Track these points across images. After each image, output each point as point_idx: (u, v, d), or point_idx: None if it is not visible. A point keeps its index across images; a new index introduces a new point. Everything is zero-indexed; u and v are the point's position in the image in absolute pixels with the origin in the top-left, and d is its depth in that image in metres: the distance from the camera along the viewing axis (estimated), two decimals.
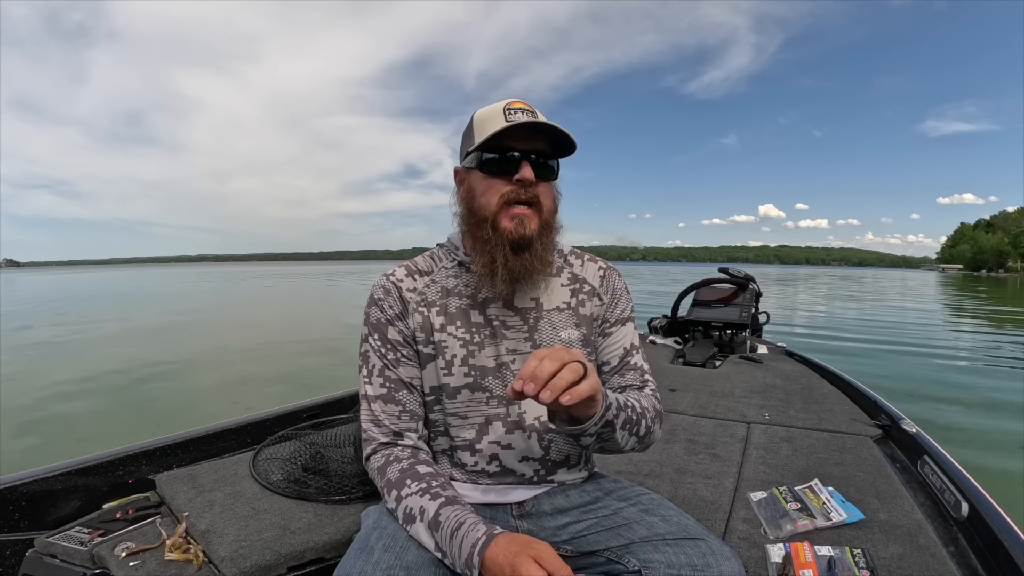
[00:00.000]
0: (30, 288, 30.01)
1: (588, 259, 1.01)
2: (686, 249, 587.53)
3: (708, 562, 0.74)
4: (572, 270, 0.99)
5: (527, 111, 0.85)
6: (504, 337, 0.90)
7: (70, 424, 4.13)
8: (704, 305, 3.56)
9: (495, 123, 0.84)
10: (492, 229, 0.85)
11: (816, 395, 2.18)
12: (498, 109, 0.85)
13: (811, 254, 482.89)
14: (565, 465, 0.93)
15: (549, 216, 0.88)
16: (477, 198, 0.87)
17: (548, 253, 0.88)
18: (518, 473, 0.90)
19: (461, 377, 0.88)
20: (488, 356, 0.89)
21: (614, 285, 0.99)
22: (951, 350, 7.64)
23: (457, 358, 0.88)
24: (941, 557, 1.00)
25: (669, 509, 0.87)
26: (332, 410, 1.80)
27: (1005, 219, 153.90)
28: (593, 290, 0.97)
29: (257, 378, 5.72)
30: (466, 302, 0.91)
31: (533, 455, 0.89)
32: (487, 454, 0.89)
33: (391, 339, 0.89)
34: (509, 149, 0.84)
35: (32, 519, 1.15)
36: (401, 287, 0.91)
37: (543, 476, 0.92)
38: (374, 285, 0.93)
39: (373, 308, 0.91)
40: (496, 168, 0.85)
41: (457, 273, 0.93)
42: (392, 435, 0.87)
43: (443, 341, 0.88)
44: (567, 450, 0.92)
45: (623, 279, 1.02)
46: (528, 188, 0.84)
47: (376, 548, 0.73)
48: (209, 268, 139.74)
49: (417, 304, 0.90)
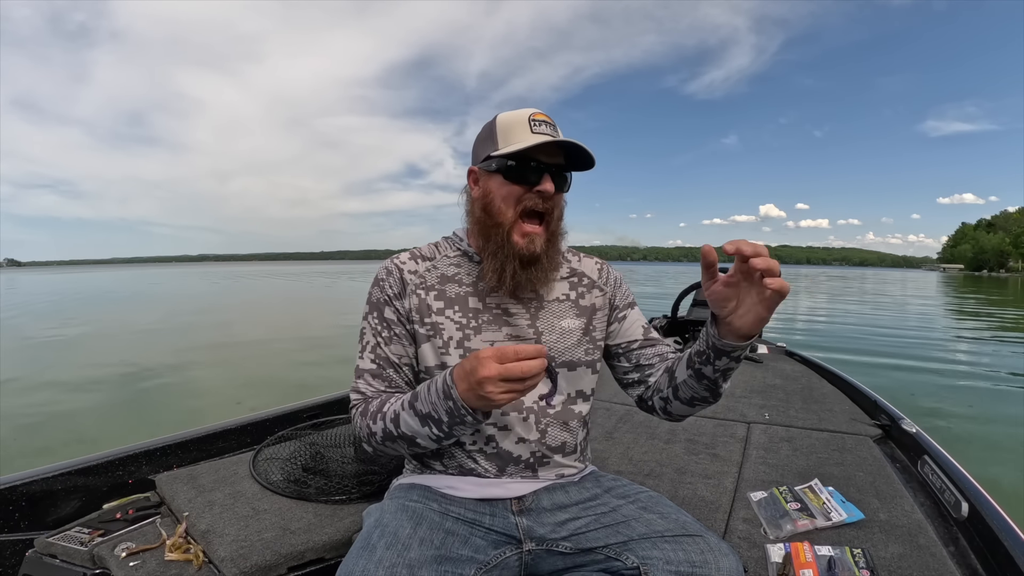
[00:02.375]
0: (30, 288, 30.03)
1: (585, 256, 1.07)
2: (687, 249, 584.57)
3: (706, 559, 0.75)
4: (570, 265, 1.03)
5: (550, 124, 0.90)
6: (505, 323, 0.93)
7: (70, 424, 4.13)
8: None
9: (521, 133, 0.88)
10: (506, 239, 0.89)
11: (816, 395, 2.18)
12: (523, 119, 0.89)
13: (812, 254, 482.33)
14: (561, 452, 0.94)
15: (556, 227, 0.93)
16: (496, 202, 0.90)
17: (553, 262, 0.93)
18: (514, 455, 0.91)
19: (457, 358, 0.90)
20: (483, 341, 0.91)
21: (613, 276, 1.05)
22: (951, 350, 7.63)
23: (453, 340, 0.91)
24: (941, 557, 1.00)
25: (667, 507, 0.88)
26: (332, 410, 1.80)
27: (1006, 219, 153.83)
28: (592, 282, 1.02)
29: (257, 379, 5.73)
30: (465, 289, 0.94)
31: (529, 437, 0.91)
32: (484, 434, 0.90)
33: (387, 318, 0.92)
34: (533, 160, 0.88)
35: (32, 519, 1.15)
36: (403, 269, 0.95)
37: (540, 459, 0.92)
38: (380, 267, 0.97)
39: (375, 288, 0.95)
40: (518, 176, 0.88)
41: (459, 262, 0.97)
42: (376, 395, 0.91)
43: (440, 323, 0.92)
44: (563, 436, 0.94)
45: (620, 275, 1.07)
46: (547, 200, 0.89)
47: (378, 546, 0.73)
48: (210, 268, 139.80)
49: (416, 286, 0.93)
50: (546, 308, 0.96)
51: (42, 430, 4.00)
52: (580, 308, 0.98)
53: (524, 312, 0.94)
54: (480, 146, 0.94)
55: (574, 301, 0.99)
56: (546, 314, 0.95)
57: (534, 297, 0.96)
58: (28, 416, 4.31)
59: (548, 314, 0.95)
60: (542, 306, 0.96)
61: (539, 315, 0.95)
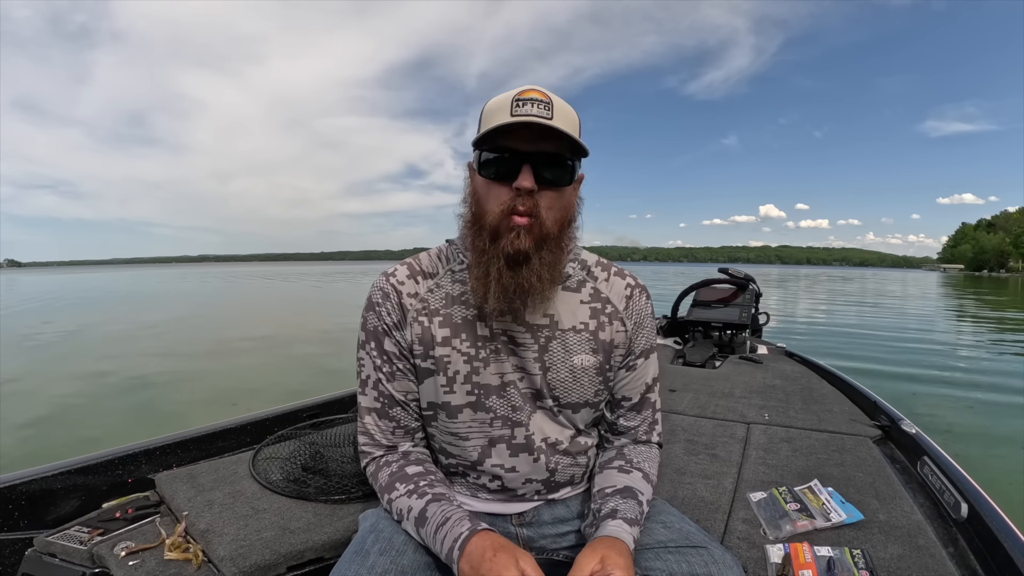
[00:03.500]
0: (29, 289, 30.00)
1: (615, 273, 0.89)
2: (687, 249, 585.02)
3: (710, 571, 0.72)
4: (595, 285, 0.87)
5: (540, 101, 0.72)
6: (512, 353, 0.82)
7: (70, 423, 4.13)
8: (704, 305, 3.56)
9: (500, 117, 0.73)
10: (491, 240, 0.75)
11: (816, 395, 2.18)
12: (506, 100, 0.73)
13: (812, 254, 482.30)
14: (570, 484, 0.91)
15: (554, 228, 0.76)
16: (480, 203, 0.77)
17: (551, 269, 0.77)
18: (519, 493, 0.87)
19: (463, 396, 0.82)
20: (492, 374, 0.82)
21: (641, 309, 0.88)
22: (950, 353, 7.62)
23: (460, 375, 0.81)
24: (940, 558, 1.00)
25: (670, 515, 0.85)
26: (332, 410, 1.80)
27: (1007, 219, 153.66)
28: (616, 312, 0.87)
29: (257, 378, 5.72)
30: (472, 312, 0.82)
31: (538, 477, 0.86)
32: (489, 474, 0.85)
33: (387, 351, 0.83)
34: (510, 149, 0.73)
35: (32, 518, 1.15)
36: (401, 291, 0.83)
37: (544, 495, 0.89)
38: (373, 286, 0.85)
39: (370, 313, 0.84)
40: (495, 171, 0.75)
41: (464, 278, 0.83)
42: (385, 449, 0.86)
43: (445, 356, 0.81)
44: (572, 471, 0.90)
45: (651, 301, 0.92)
46: (526, 197, 0.73)
47: (372, 551, 0.73)
48: (210, 268, 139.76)
49: (417, 313, 0.82)
50: (558, 339, 0.82)
51: (42, 430, 4.00)
52: (599, 342, 0.84)
53: (532, 342, 0.82)
54: None
55: (593, 332, 0.84)
56: (557, 346, 0.82)
57: (546, 324, 0.82)
58: (28, 416, 4.31)
59: (559, 346, 0.82)
60: (554, 336, 0.82)
61: (549, 347, 0.82)
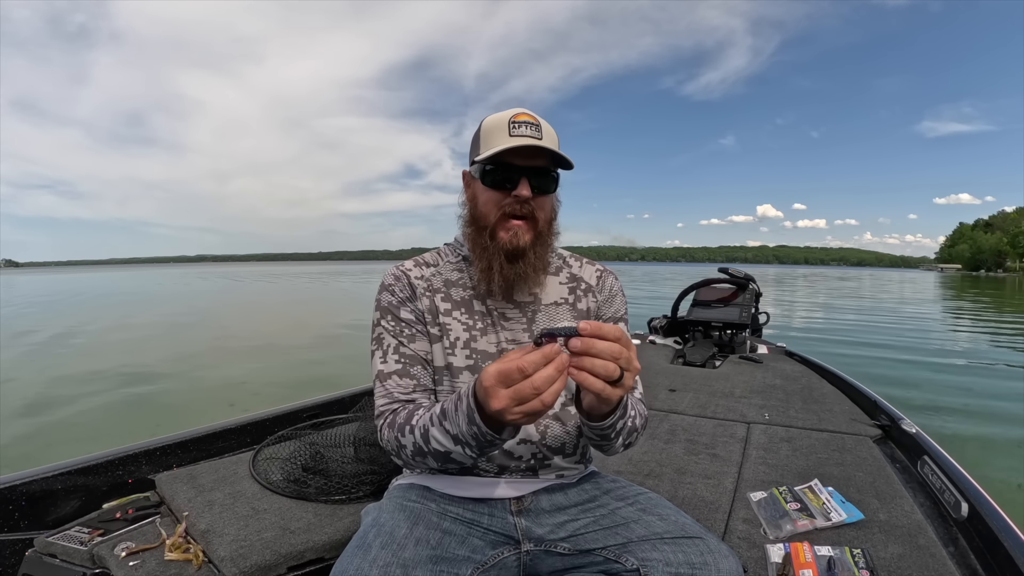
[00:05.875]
0: (30, 288, 29.97)
1: (587, 262, 1.06)
2: (685, 249, 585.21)
3: (706, 560, 0.75)
4: (571, 270, 1.03)
5: (532, 124, 0.88)
6: (503, 328, 0.94)
7: (70, 424, 4.13)
8: (704, 305, 3.56)
9: (499, 137, 0.88)
10: (491, 238, 0.90)
11: (816, 395, 2.18)
12: (503, 122, 0.88)
13: (810, 254, 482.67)
14: (561, 452, 0.94)
15: (544, 227, 0.92)
16: (479, 207, 0.92)
17: (542, 260, 0.93)
18: (515, 455, 0.91)
19: (463, 359, 0.92)
20: (489, 343, 0.93)
21: (610, 285, 1.04)
22: (950, 352, 7.63)
23: (460, 340, 0.92)
24: (941, 557, 1.00)
25: (667, 508, 0.87)
26: (332, 410, 1.80)
27: (1004, 219, 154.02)
28: (589, 287, 1.02)
29: (257, 378, 5.72)
30: (468, 293, 0.96)
31: (531, 438, 0.91)
32: None
33: (404, 318, 0.93)
34: (510, 164, 0.88)
35: (32, 519, 1.15)
36: (410, 275, 0.96)
37: (540, 460, 0.92)
38: (385, 274, 0.98)
39: (384, 293, 0.95)
40: (496, 181, 0.89)
41: (461, 268, 0.98)
42: (402, 404, 0.87)
43: (447, 324, 0.93)
44: (562, 437, 0.94)
45: (619, 282, 1.06)
46: (525, 203, 0.88)
47: (374, 545, 0.73)
48: (208, 268, 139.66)
49: (424, 290, 0.95)
50: (543, 311, 0.96)
51: (42, 429, 3.99)
52: (577, 311, 0.99)
53: (521, 316, 0.95)
54: (471, 150, 0.95)
55: (572, 304, 0.99)
56: (543, 317, 0.96)
57: (531, 301, 0.96)
58: (28, 416, 4.30)
59: (545, 317, 0.96)
60: (539, 309, 0.96)
61: (535, 319, 0.95)
